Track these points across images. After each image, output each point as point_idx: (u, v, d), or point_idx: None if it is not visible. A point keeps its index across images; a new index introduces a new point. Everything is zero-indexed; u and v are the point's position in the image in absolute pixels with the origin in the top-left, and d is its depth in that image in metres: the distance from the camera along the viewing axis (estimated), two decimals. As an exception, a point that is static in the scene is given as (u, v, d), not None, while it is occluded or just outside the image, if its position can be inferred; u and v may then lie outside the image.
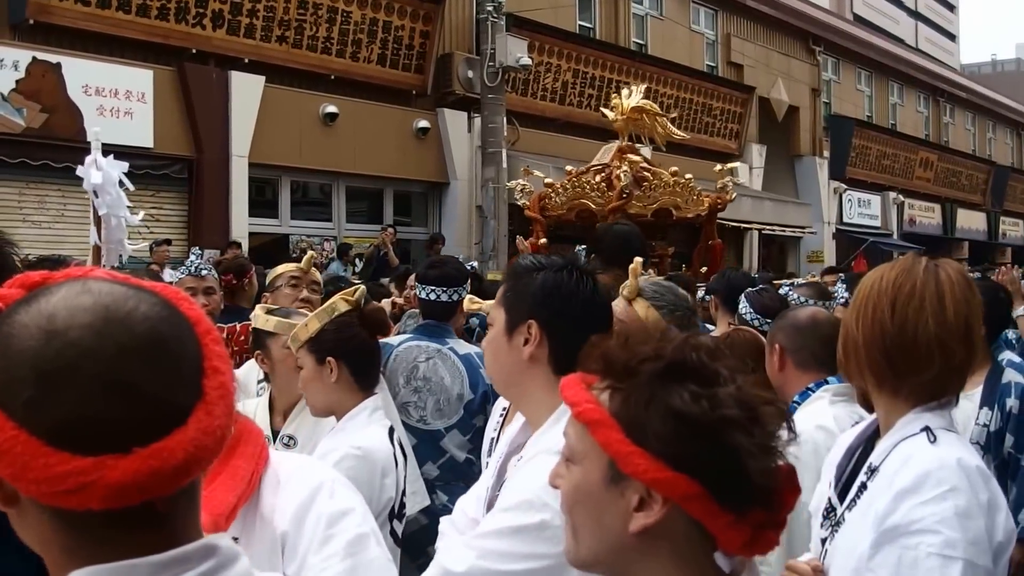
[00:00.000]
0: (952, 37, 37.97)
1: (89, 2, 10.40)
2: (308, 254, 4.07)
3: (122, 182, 3.86)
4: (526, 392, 1.82)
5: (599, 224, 5.45)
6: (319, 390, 2.48)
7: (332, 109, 12.67)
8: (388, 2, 13.16)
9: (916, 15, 33.39)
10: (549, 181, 6.53)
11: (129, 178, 3.95)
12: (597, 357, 1.16)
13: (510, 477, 1.79)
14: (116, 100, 10.67)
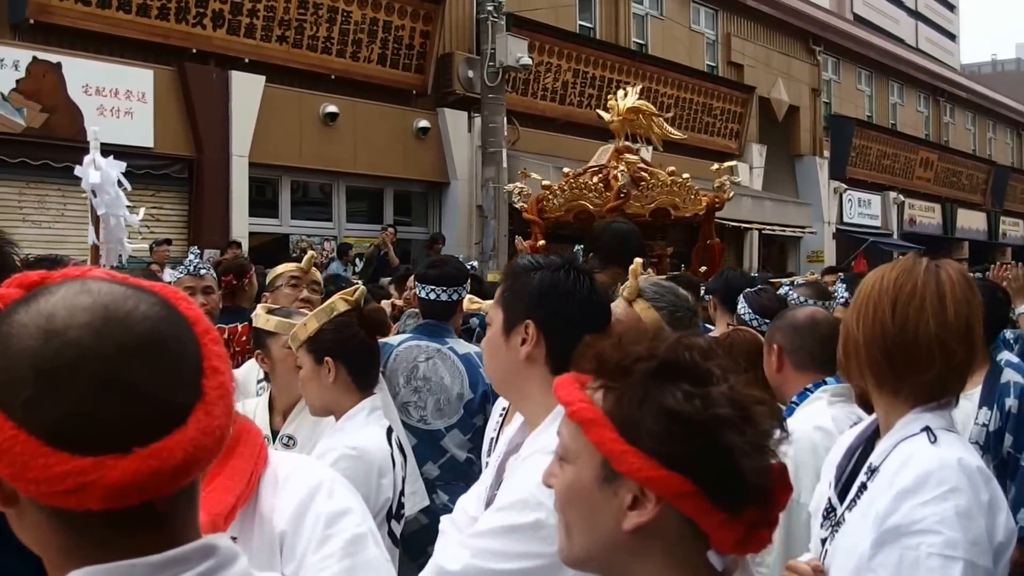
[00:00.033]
0: (952, 37, 37.96)
1: (89, 2, 10.40)
2: (308, 254, 4.06)
3: (120, 182, 3.86)
4: (524, 392, 1.82)
5: (596, 222, 5.43)
6: (317, 390, 2.48)
7: (332, 109, 12.68)
8: (388, 2, 13.15)
9: (916, 15, 33.38)
10: (546, 183, 6.52)
11: (129, 178, 3.96)
12: (591, 357, 1.17)
13: (507, 476, 1.80)
14: (116, 100, 10.67)
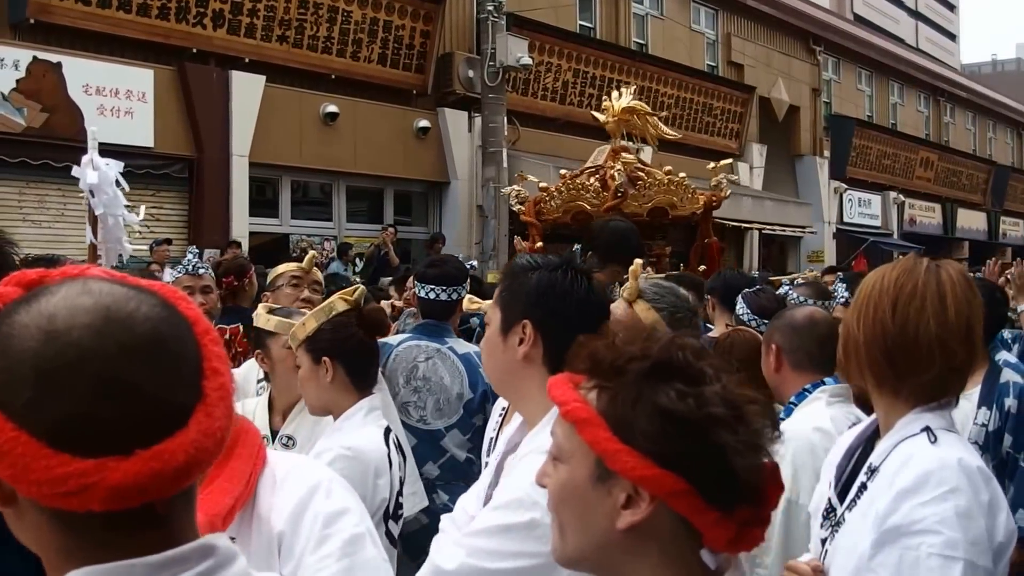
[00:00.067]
0: (952, 37, 37.95)
1: (90, 1, 10.40)
2: (310, 254, 4.04)
3: (118, 182, 3.85)
4: (522, 391, 1.82)
5: (594, 221, 5.42)
6: (315, 389, 2.48)
7: (332, 109, 12.67)
8: (389, 2, 13.15)
9: (916, 15, 33.37)
10: (543, 185, 6.51)
11: (129, 177, 3.95)
12: (584, 357, 1.17)
13: (504, 475, 1.80)
14: (116, 100, 10.67)
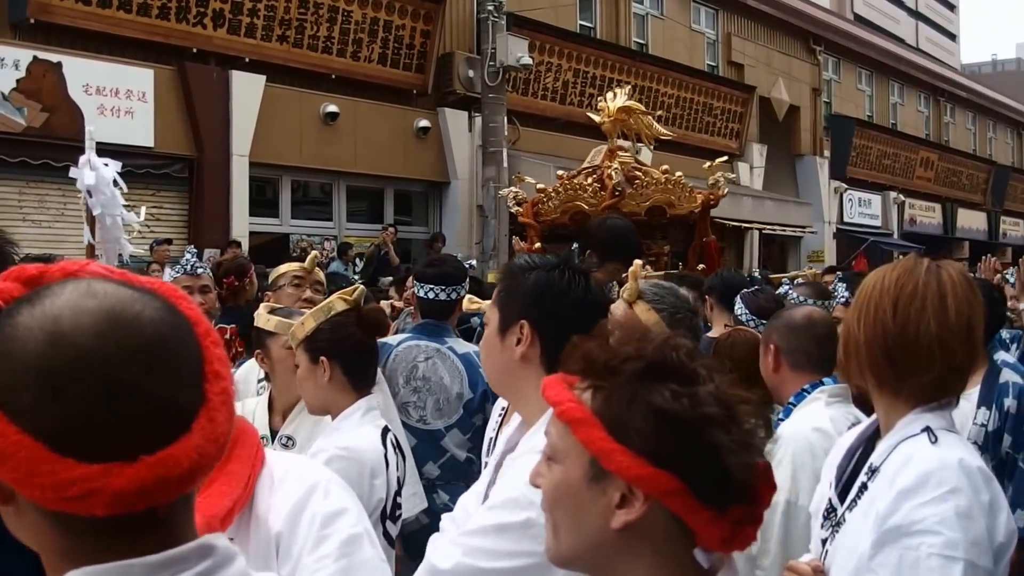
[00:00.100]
0: (952, 37, 37.94)
1: (90, 1, 10.39)
2: (312, 254, 4.02)
3: (116, 181, 3.84)
4: (520, 391, 1.82)
5: (592, 219, 5.42)
6: (313, 389, 2.48)
7: (333, 108, 12.67)
8: (389, 1, 13.15)
9: (917, 15, 33.37)
10: (541, 186, 6.52)
11: (129, 177, 3.95)
12: (578, 358, 1.18)
13: (500, 475, 1.80)
14: (117, 99, 10.67)
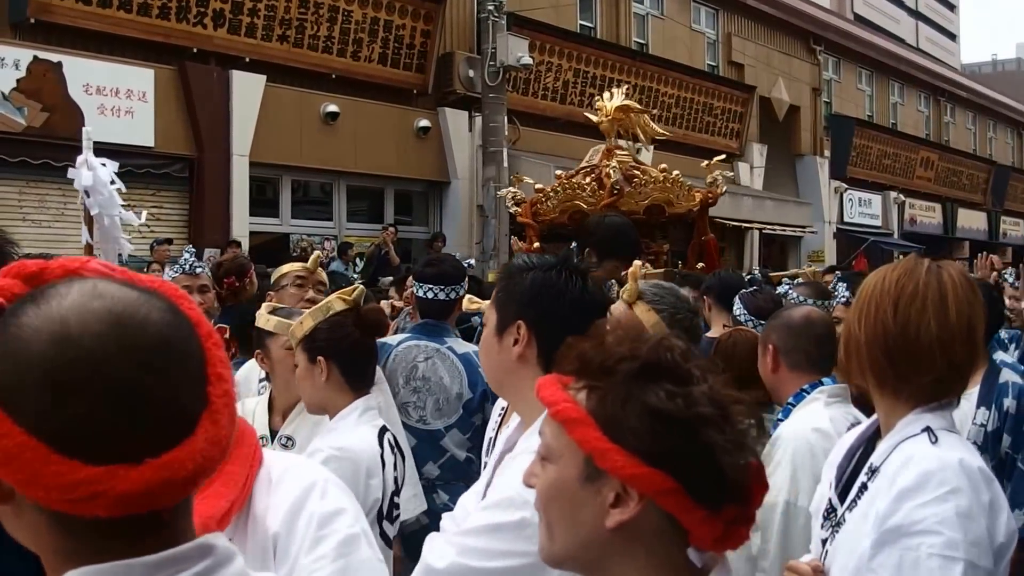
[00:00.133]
0: (953, 37, 37.94)
1: (90, 1, 10.39)
2: (315, 254, 4.01)
3: (114, 181, 3.84)
4: (518, 391, 1.82)
5: (590, 217, 5.42)
6: (311, 388, 2.48)
7: (333, 108, 12.67)
8: (389, 1, 13.15)
9: (917, 15, 33.37)
10: (539, 186, 6.52)
11: (129, 177, 3.94)
12: (572, 358, 1.18)
13: (497, 475, 1.80)
14: (117, 99, 10.66)
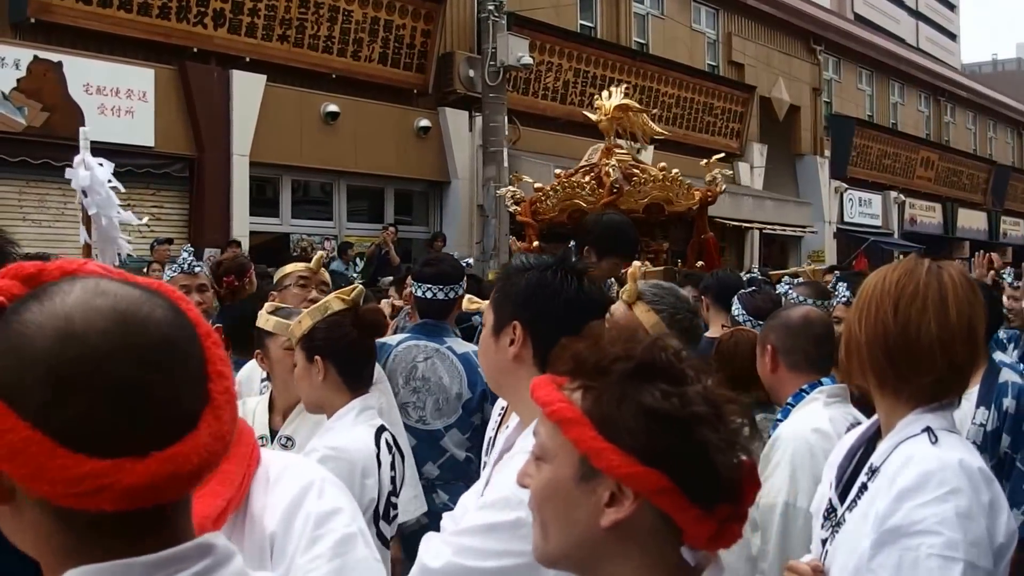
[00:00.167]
0: (953, 36, 37.95)
1: (91, 1, 10.39)
2: (318, 254, 4.00)
3: (111, 182, 3.83)
4: (516, 392, 1.83)
5: (588, 216, 5.42)
6: (308, 388, 2.49)
7: (333, 108, 12.67)
8: (389, 1, 13.15)
9: (917, 14, 33.38)
10: (539, 185, 6.53)
11: (130, 177, 3.95)
12: (567, 358, 1.19)
13: (494, 475, 1.80)
14: (117, 99, 10.66)
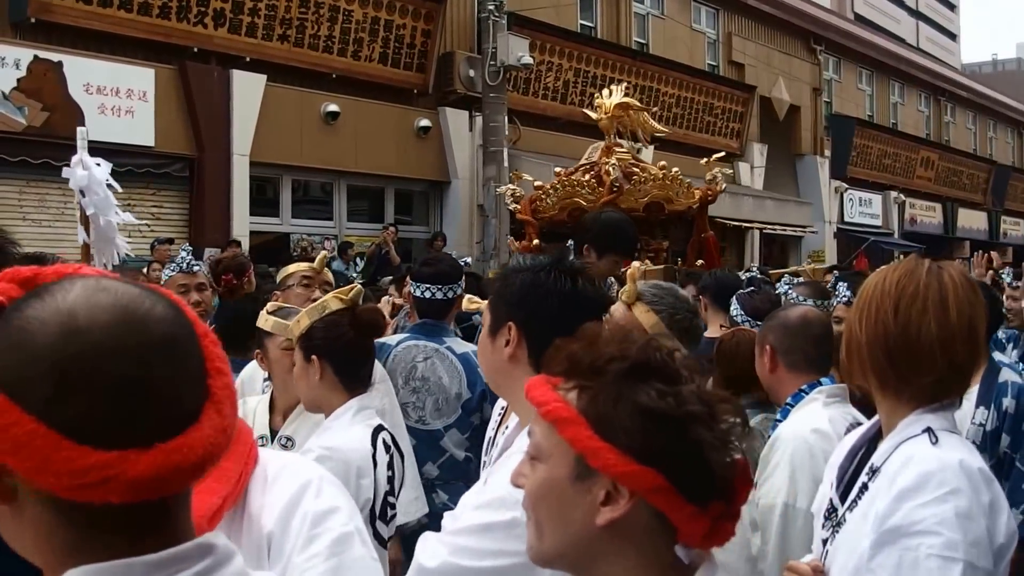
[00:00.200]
0: (953, 36, 37.94)
1: (91, 1, 10.39)
2: (321, 254, 4.00)
3: (109, 183, 3.83)
4: (513, 392, 1.83)
5: (587, 214, 5.42)
6: (306, 387, 2.49)
7: (333, 108, 12.66)
8: (390, 1, 13.15)
9: (917, 14, 33.37)
10: (539, 184, 6.53)
11: (130, 176, 3.95)
12: (562, 359, 1.20)
13: (491, 475, 1.81)
14: (117, 99, 10.66)
